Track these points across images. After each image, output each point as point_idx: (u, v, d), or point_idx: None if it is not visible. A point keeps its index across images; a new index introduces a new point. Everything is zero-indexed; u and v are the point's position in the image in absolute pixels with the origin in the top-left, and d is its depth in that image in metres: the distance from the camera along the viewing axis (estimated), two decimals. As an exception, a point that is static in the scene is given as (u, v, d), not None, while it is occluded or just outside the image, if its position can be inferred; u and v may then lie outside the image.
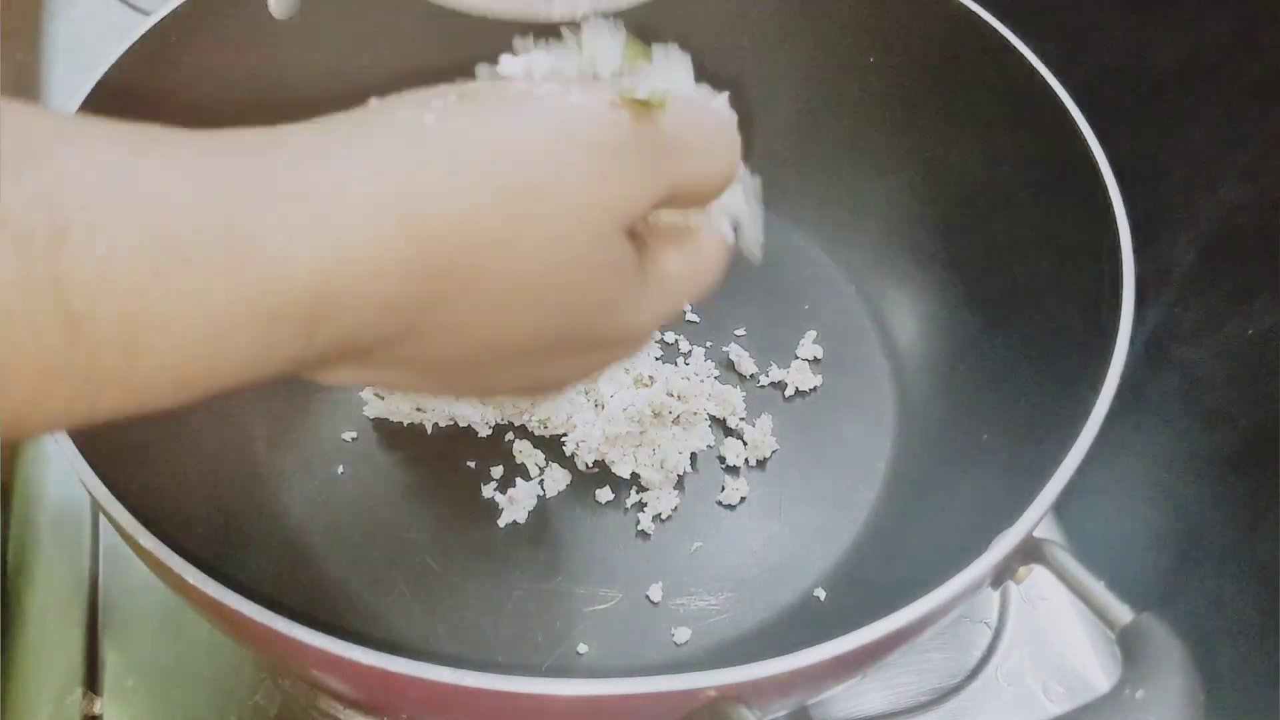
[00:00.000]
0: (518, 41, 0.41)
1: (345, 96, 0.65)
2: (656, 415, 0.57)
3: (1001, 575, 0.43)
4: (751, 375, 0.62)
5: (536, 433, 0.59)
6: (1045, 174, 0.56)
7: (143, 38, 0.55)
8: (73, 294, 0.24)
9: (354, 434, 0.58)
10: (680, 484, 0.58)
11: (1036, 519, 0.42)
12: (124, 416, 0.27)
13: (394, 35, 0.66)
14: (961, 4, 0.59)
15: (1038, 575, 0.43)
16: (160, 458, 0.51)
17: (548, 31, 0.48)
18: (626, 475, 0.57)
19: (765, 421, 0.59)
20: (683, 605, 0.53)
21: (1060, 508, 0.63)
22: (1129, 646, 0.39)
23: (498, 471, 0.58)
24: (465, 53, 0.69)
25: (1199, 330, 0.57)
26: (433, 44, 0.68)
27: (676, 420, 0.58)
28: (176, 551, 0.38)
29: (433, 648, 0.51)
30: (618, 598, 0.54)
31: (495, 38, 0.69)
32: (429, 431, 0.59)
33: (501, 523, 0.56)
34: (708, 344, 0.64)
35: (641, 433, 0.57)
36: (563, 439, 0.58)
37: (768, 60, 0.68)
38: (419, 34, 0.67)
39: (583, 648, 0.52)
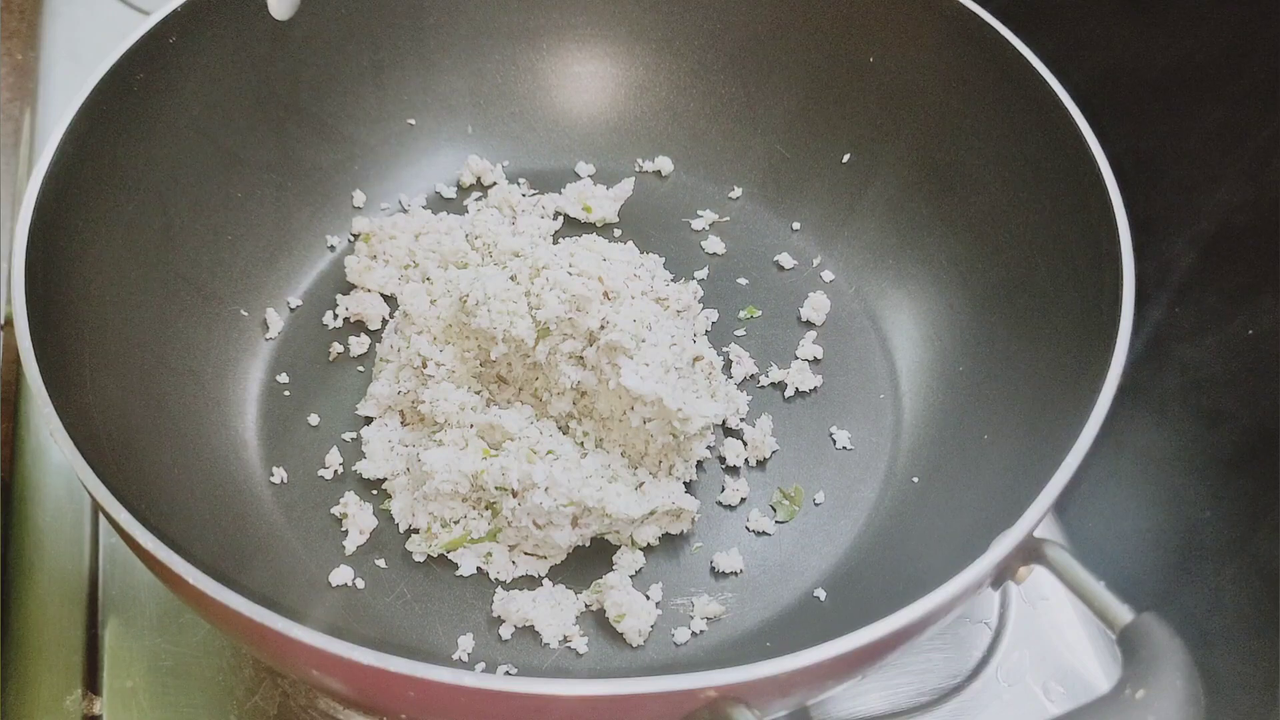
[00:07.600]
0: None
1: (345, 97, 0.66)
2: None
3: (1001, 575, 0.43)
4: (751, 375, 0.62)
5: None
6: (1045, 174, 0.56)
7: (143, 38, 0.55)
8: None
9: (353, 434, 0.58)
10: (685, 486, 0.58)
11: (1036, 519, 0.42)
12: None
13: (393, 35, 0.66)
14: (961, 4, 0.59)
15: (1038, 575, 0.43)
16: (160, 458, 0.51)
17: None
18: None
19: (765, 422, 0.59)
20: (683, 605, 0.53)
21: (1060, 508, 0.63)
22: (1129, 646, 0.39)
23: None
24: (464, 51, 0.69)
25: (1199, 330, 0.57)
26: (430, 42, 0.68)
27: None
28: (176, 551, 0.39)
29: (433, 648, 0.51)
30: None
31: (493, 37, 0.69)
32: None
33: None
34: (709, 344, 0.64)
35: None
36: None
37: (768, 60, 0.68)
38: (417, 33, 0.67)
39: (583, 648, 0.52)
